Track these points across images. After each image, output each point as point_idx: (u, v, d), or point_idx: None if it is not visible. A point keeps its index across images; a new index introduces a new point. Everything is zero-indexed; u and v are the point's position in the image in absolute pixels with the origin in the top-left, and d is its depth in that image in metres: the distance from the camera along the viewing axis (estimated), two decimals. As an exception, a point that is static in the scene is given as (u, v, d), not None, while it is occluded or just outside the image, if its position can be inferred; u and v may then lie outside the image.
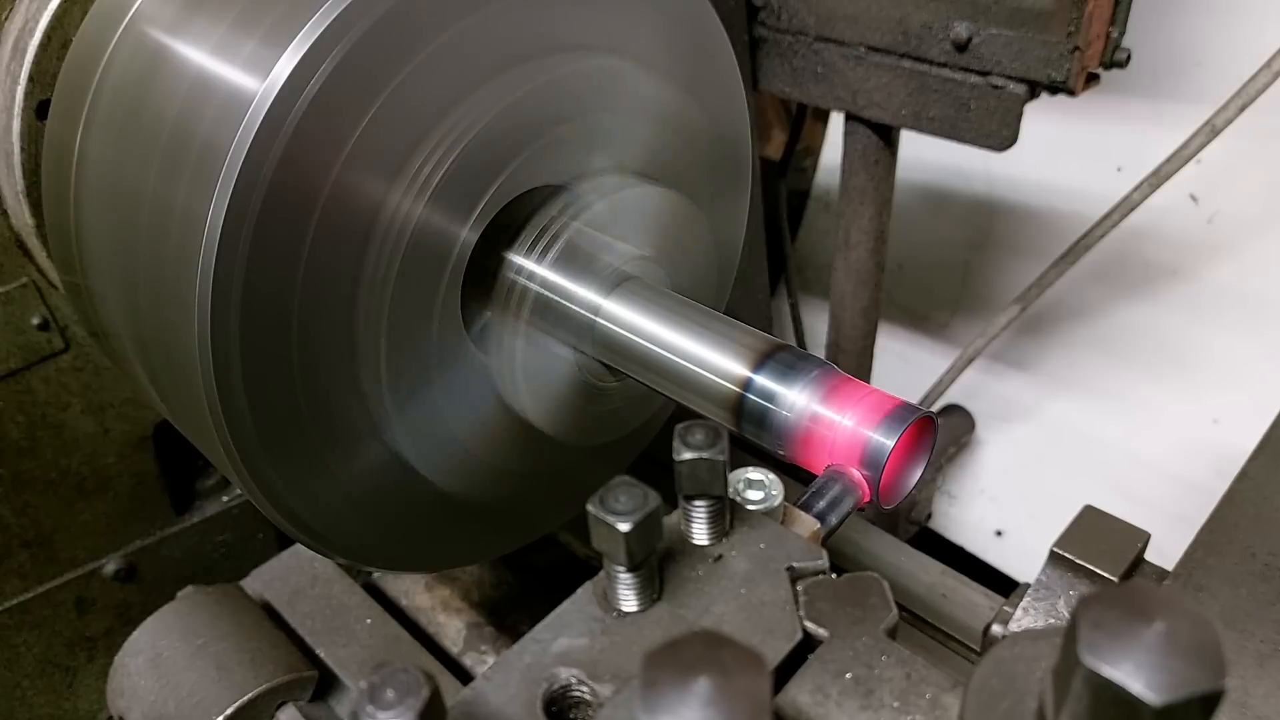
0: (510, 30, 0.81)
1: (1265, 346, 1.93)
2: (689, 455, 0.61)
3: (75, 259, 0.91)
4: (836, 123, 2.12)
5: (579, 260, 0.88)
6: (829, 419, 0.75)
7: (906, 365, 2.39)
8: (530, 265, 0.88)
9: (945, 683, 0.56)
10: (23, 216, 1.04)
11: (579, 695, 0.58)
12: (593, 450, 1.07)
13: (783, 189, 2.09)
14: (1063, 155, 2.05)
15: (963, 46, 1.32)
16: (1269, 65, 1.41)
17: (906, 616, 1.30)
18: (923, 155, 2.18)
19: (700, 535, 0.65)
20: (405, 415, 0.86)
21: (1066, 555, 0.86)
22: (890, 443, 0.73)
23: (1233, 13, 1.81)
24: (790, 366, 0.79)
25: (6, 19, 1.00)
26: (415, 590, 1.27)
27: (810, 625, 0.60)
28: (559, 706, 0.57)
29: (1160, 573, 0.89)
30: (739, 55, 1.04)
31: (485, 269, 0.89)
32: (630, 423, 1.06)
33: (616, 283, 0.88)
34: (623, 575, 0.60)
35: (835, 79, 1.49)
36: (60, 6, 0.96)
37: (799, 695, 0.56)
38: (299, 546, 1.11)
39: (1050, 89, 1.30)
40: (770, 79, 1.58)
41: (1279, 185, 1.88)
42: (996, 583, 1.30)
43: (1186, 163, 1.52)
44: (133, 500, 1.29)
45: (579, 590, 0.63)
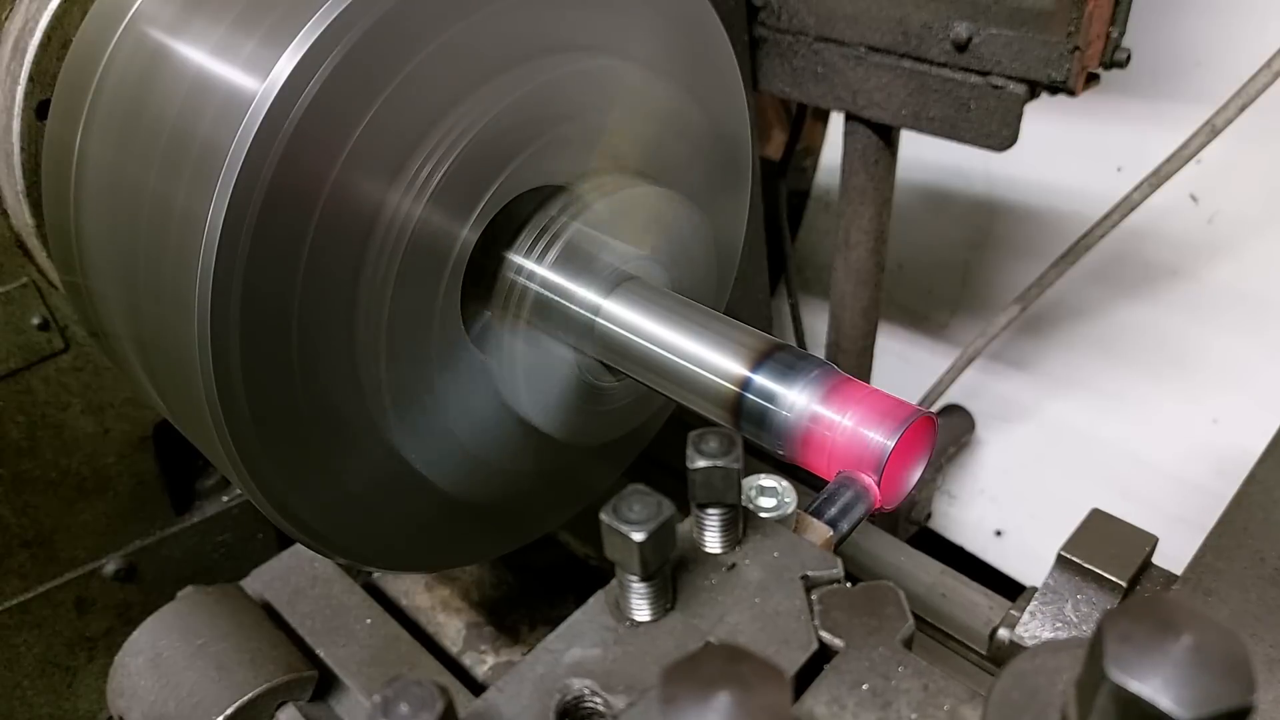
0: (510, 30, 0.81)
1: (1265, 346, 1.93)
2: (703, 463, 0.60)
3: (75, 259, 0.91)
4: (836, 123, 2.12)
5: (579, 260, 0.88)
6: (829, 419, 0.75)
7: (906, 365, 2.39)
8: (530, 265, 0.88)
9: (963, 694, 0.55)
10: (23, 216, 1.04)
11: (592, 706, 0.57)
12: (593, 450, 1.07)
13: (783, 189, 2.08)
14: (1063, 155, 2.05)
15: (963, 46, 1.32)
16: (1269, 65, 1.41)
17: (906, 617, 1.30)
18: (923, 155, 2.18)
19: (713, 544, 0.65)
20: (405, 415, 0.86)
21: (1074, 559, 0.86)
22: (890, 443, 0.73)
23: (1233, 13, 1.81)
24: (790, 366, 0.79)
25: (6, 19, 1.00)
26: (415, 590, 1.27)
27: (826, 635, 0.59)
28: (572, 718, 0.57)
29: (1168, 577, 0.89)
30: (739, 55, 1.04)
31: (485, 269, 0.89)
32: (630, 422, 1.06)
33: (616, 283, 0.88)
34: (636, 585, 0.59)
35: (835, 79, 1.49)
36: (60, 6, 0.96)
37: (815, 707, 0.55)
38: (299, 546, 1.11)
39: (1050, 89, 1.30)
40: (770, 79, 1.58)
41: (1279, 185, 1.88)
42: (996, 583, 1.30)
43: (1186, 163, 1.51)
44: (133, 500, 1.29)
45: (591, 599, 0.62)
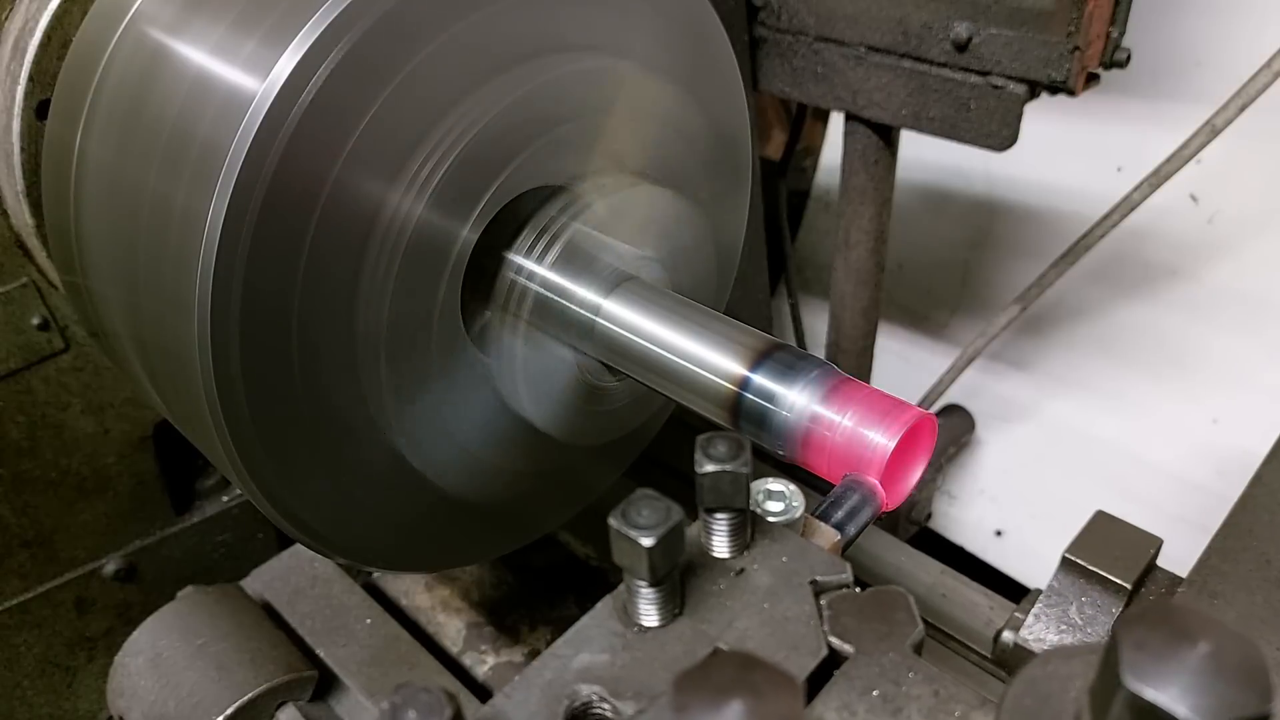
0: (510, 30, 0.81)
1: (1265, 346, 1.93)
2: (711, 468, 0.60)
3: (75, 259, 0.91)
4: (836, 123, 2.12)
5: (579, 260, 0.88)
6: (829, 419, 0.75)
7: (906, 365, 2.39)
8: (530, 265, 0.88)
9: (974, 700, 0.55)
10: (23, 216, 1.04)
11: (601, 712, 0.57)
12: (593, 450, 1.07)
13: (783, 189, 2.08)
14: (1063, 155, 2.05)
15: (963, 46, 1.32)
16: (1269, 65, 1.41)
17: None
18: (923, 155, 2.18)
19: (721, 548, 0.64)
20: (405, 415, 0.86)
21: (1078, 561, 0.86)
22: (891, 443, 0.73)
23: (1233, 13, 1.81)
24: (790, 366, 0.79)
25: (6, 19, 1.00)
26: (415, 590, 1.27)
27: (835, 641, 0.59)
28: (581, 724, 0.57)
29: (1173, 579, 0.89)
30: (739, 55, 1.04)
31: (485, 269, 0.89)
32: (630, 422, 1.06)
33: (616, 283, 0.88)
34: (644, 590, 0.59)
35: (835, 79, 1.49)
36: (60, 6, 0.96)
37: (825, 713, 0.54)
38: (299, 546, 1.11)
39: (1050, 89, 1.30)
40: (770, 79, 1.58)
41: (1279, 185, 1.88)
42: (996, 582, 1.30)
43: (1186, 163, 1.51)
44: (133, 500, 1.29)
45: (599, 605, 0.62)
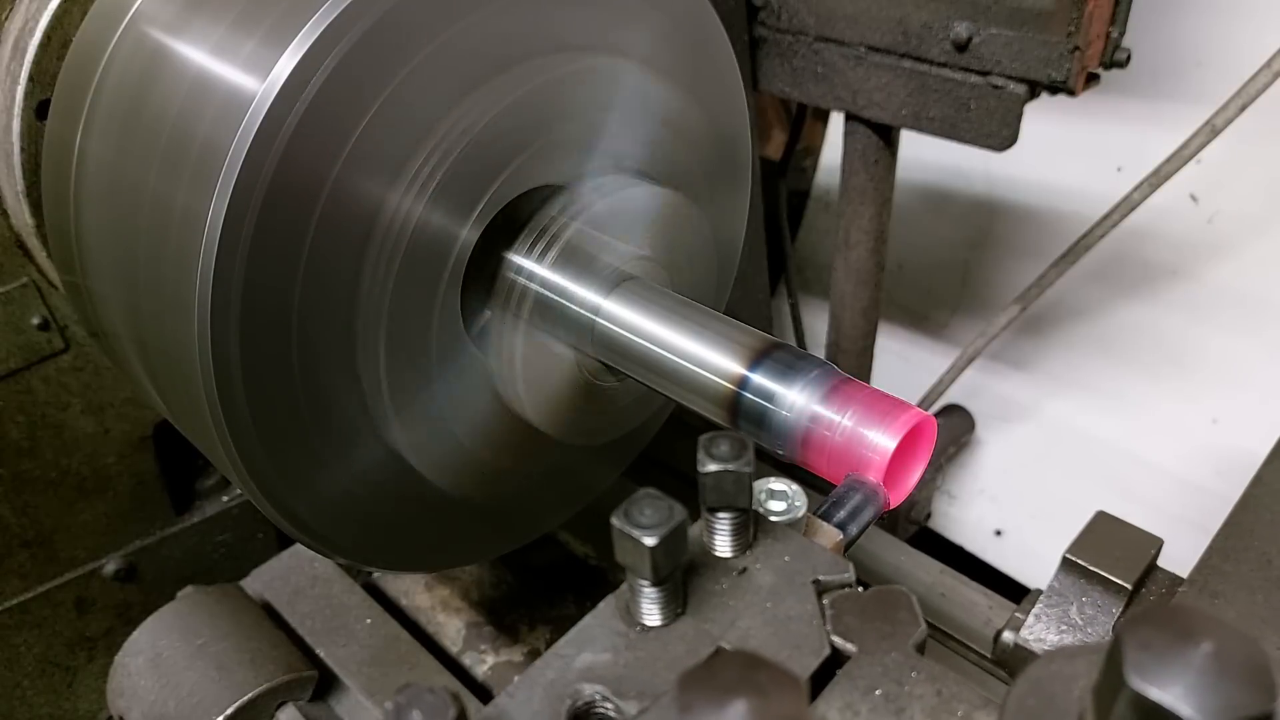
0: (510, 30, 0.81)
1: (1265, 346, 1.93)
2: (714, 467, 0.60)
3: (75, 259, 0.91)
4: (836, 123, 2.12)
5: (579, 260, 0.88)
6: (829, 419, 0.75)
7: (906, 365, 2.39)
8: (530, 265, 0.88)
9: (977, 700, 0.55)
10: (23, 216, 1.04)
11: (603, 712, 0.57)
12: (593, 449, 1.07)
13: (783, 189, 2.08)
14: (1063, 155, 2.05)
15: (963, 46, 1.32)
16: (1269, 65, 1.41)
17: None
18: (923, 155, 2.18)
19: (724, 548, 0.64)
20: (405, 415, 0.86)
21: (1079, 561, 0.86)
22: (891, 443, 0.73)
23: (1233, 13, 1.81)
24: (789, 366, 0.79)
25: (6, 19, 1.00)
26: (415, 590, 1.27)
27: (838, 640, 0.59)
28: (583, 724, 0.57)
29: (1173, 579, 0.89)
30: (739, 55, 1.04)
31: (485, 269, 0.89)
32: (630, 422, 1.06)
33: (616, 283, 0.88)
34: (647, 590, 0.59)
35: (835, 79, 1.49)
36: (60, 6, 0.96)
37: (828, 712, 0.55)
38: (299, 546, 1.11)
39: (1050, 89, 1.30)
40: (770, 79, 1.58)
41: (1279, 185, 1.88)
42: (996, 582, 1.30)
43: (1186, 163, 1.51)
44: (133, 500, 1.29)
45: (601, 604, 0.62)
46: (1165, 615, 0.39)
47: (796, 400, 0.77)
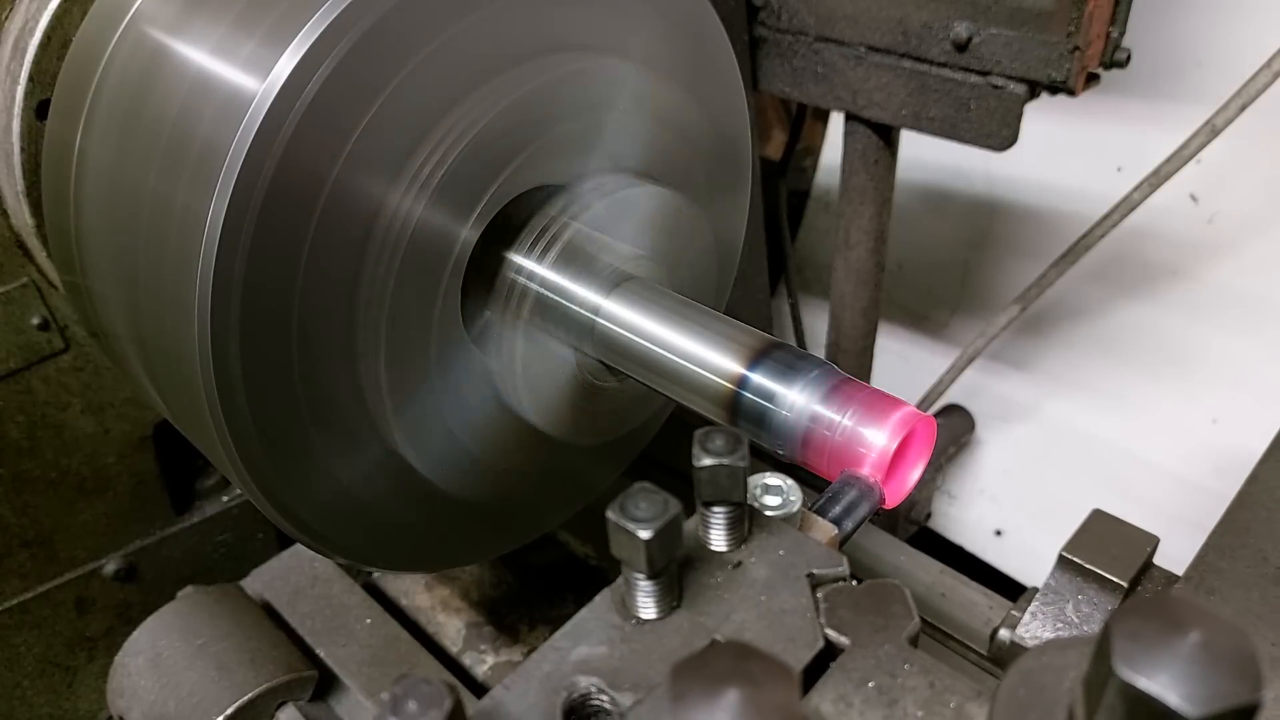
0: (510, 30, 0.81)
1: (1265, 346, 1.93)
2: (709, 461, 0.60)
3: (75, 259, 0.91)
4: (836, 123, 2.12)
5: (579, 260, 0.88)
6: (829, 419, 0.75)
7: (906, 365, 2.39)
8: (530, 265, 0.88)
9: (969, 691, 0.55)
10: (23, 216, 1.04)
11: (599, 704, 0.57)
12: (593, 449, 1.07)
13: (783, 189, 2.08)
14: (1063, 155, 2.05)
15: (963, 46, 1.32)
16: (1269, 65, 1.41)
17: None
18: (923, 155, 2.18)
19: (719, 542, 0.65)
20: (405, 415, 0.86)
21: (1075, 560, 0.86)
22: (891, 444, 0.73)
23: (1233, 13, 1.81)
24: (789, 366, 0.79)
25: (6, 19, 1.00)
26: (415, 590, 1.27)
27: (831, 633, 0.59)
28: (578, 715, 0.57)
29: (1169, 577, 0.89)
30: (739, 55, 1.04)
31: (485, 269, 0.89)
32: (630, 422, 1.06)
33: (616, 283, 0.88)
34: (642, 583, 0.59)
35: (835, 79, 1.49)
36: (60, 6, 0.96)
37: (821, 704, 0.55)
38: (299, 546, 1.11)
39: (1050, 89, 1.30)
40: (770, 79, 1.58)
41: (1279, 185, 1.88)
42: (996, 582, 1.30)
43: (1186, 163, 1.51)
44: (133, 500, 1.29)
45: (597, 598, 0.62)
46: (1154, 606, 0.39)
47: (796, 400, 0.77)
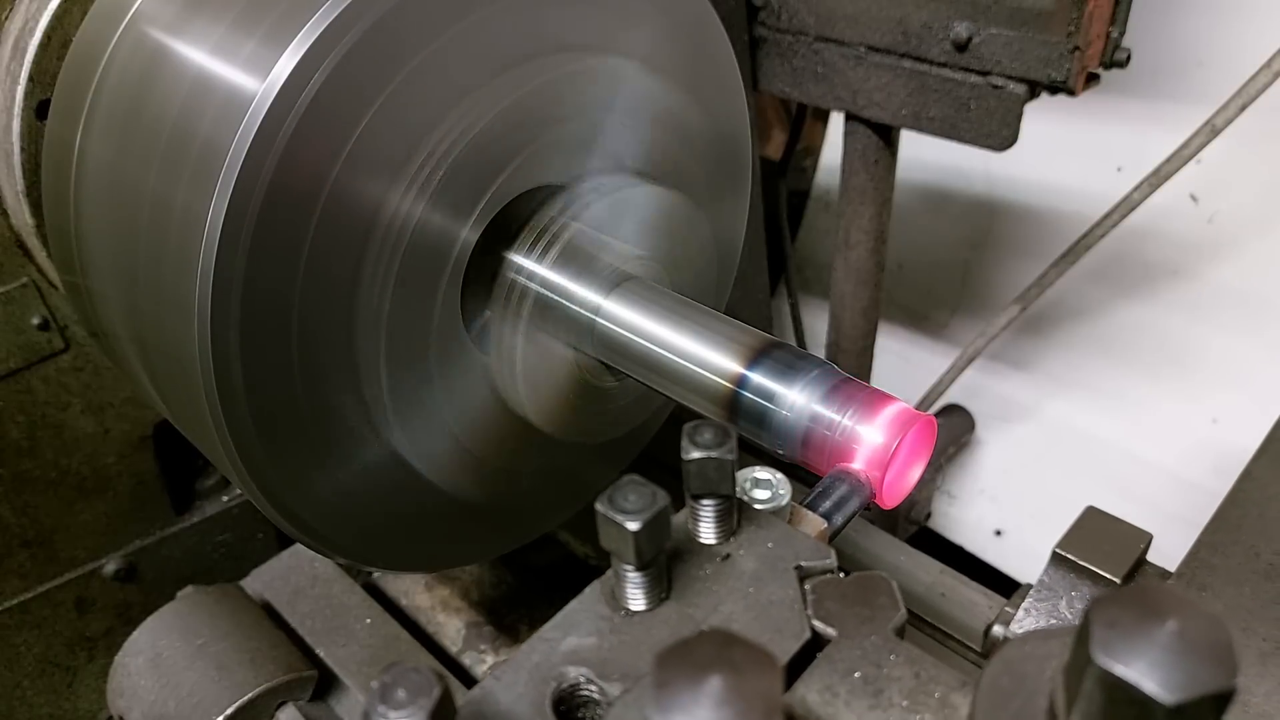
0: (510, 30, 0.81)
1: (1265, 346, 1.93)
2: (697, 454, 0.61)
3: (75, 259, 0.91)
4: (836, 123, 2.12)
5: (579, 260, 0.88)
6: (829, 419, 0.75)
7: (906, 365, 2.39)
8: (530, 265, 0.88)
9: (954, 681, 0.55)
10: (23, 216, 1.04)
11: (588, 694, 0.58)
12: (593, 449, 1.07)
13: (783, 189, 2.09)
14: (1063, 155, 2.05)
15: (963, 46, 1.32)
16: (1269, 65, 1.41)
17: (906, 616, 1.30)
18: (923, 155, 2.18)
19: (708, 534, 0.65)
20: (405, 415, 0.86)
21: (1068, 556, 0.86)
22: (891, 444, 0.73)
23: (1233, 13, 1.81)
24: (789, 366, 0.79)
25: (6, 19, 1.00)
26: (415, 590, 1.27)
27: (818, 624, 0.60)
28: (568, 705, 0.57)
29: (1162, 573, 0.89)
30: (739, 55, 1.04)
31: (485, 269, 0.89)
32: (630, 421, 1.06)
33: (616, 282, 0.88)
34: (631, 574, 0.60)
35: (835, 79, 1.49)
36: (60, 6, 0.96)
37: (808, 694, 0.55)
38: (299, 546, 1.11)
39: (1050, 89, 1.30)
40: (770, 79, 1.58)
41: (1279, 185, 1.88)
42: (996, 582, 1.30)
43: (1186, 163, 1.52)
44: (133, 500, 1.29)
45: (587, 589, 0.63)
46: (1133, 595, 0.39)
47: (796, 400, 0.77)
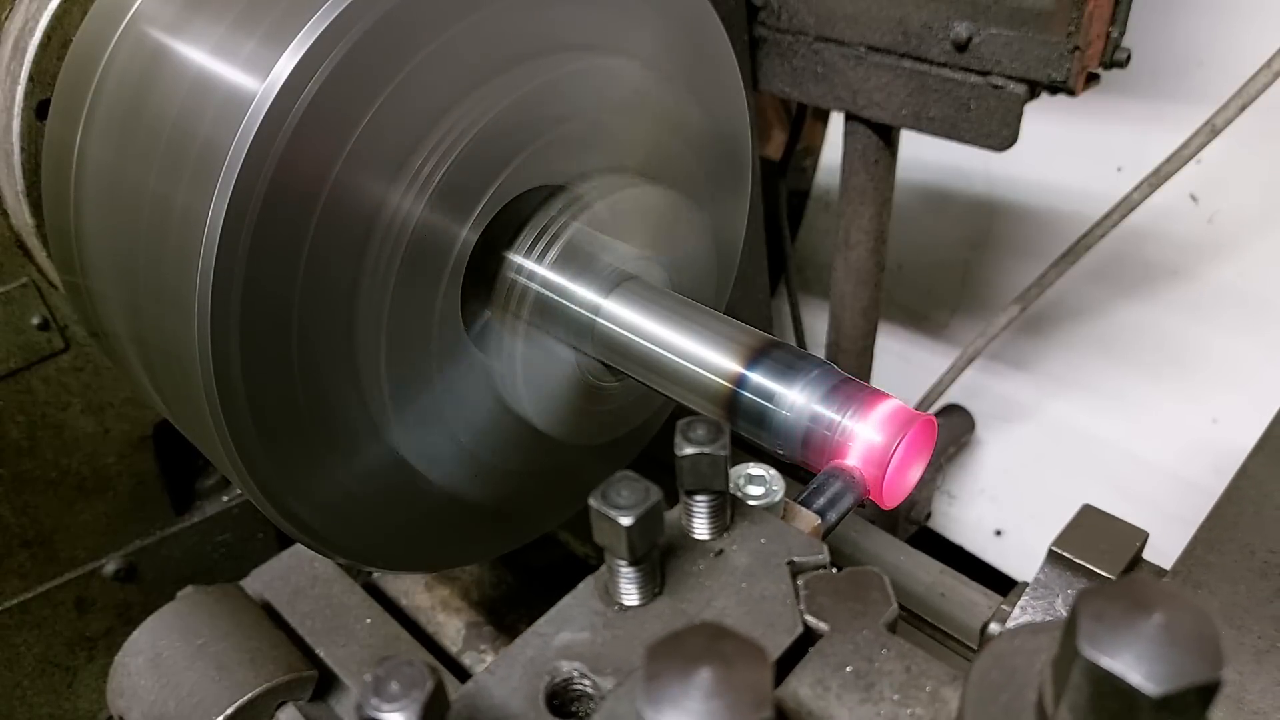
0: (510, 30, 0.81)
1: (1265, 346, 1.93)
2: (690, 450, 0.61)
3: (75, 259, 0.91)
4: (836, 123, 2.12)
5: (579, 260, 0.88)
6: (829, 419, 0.75)
7: (906, 365, 2.39)
8: (530, 265, 0.88)
9: (945, 675, 0.56)
10: (23, 216, 1.04)
11: (581, 688, 0.58)
12: (592, 449, 1.07)
13: (783, 189, 2.09)
14: (1063, 155, 2.05)
15: (963, 46, 1.32)
16: (1269, 65, 1.41)
17: (905, 616, 1.30)
18: (923, 155, 2.18)
19: (701, 530, 0.65)
20: (405, 415, 0.86)
21: (1065, 554, 0.86)
22: (891, 444, 0.73)
23: (1233, 13, 1.81)
24: (789, 366, 0.79)
25: (6, 19, 1.00)
26: (415, 590, 1.27)
27: (811, 619, 0.60)
28: (561, 700, 0.58)
29: (1159, 571, 0.89)
30: (739, 55, 1.04)
31: (485, 269, 0.89)
32: (630, 422, 1.06)
33: (616, 283, 0.88)
34: (624, 569, 0.60)
35: (835, 79, 1.49)
36: (60, 6, 0.96)
37: (799, 688, 0.56)
38: (299, 546, 1.11)
39: (1050, 89, 1.30)
40: (770, 79, 1.58)
41: (1279, 185, 1.88)
42: (996, 582, 1.30)
43: (1186, 163, 1.52)
44: (133, 500, 1.29)
45: (580, 584, 0.63)
46: (1121, 588, 0.39)
47: (796, 400, 0.77)
